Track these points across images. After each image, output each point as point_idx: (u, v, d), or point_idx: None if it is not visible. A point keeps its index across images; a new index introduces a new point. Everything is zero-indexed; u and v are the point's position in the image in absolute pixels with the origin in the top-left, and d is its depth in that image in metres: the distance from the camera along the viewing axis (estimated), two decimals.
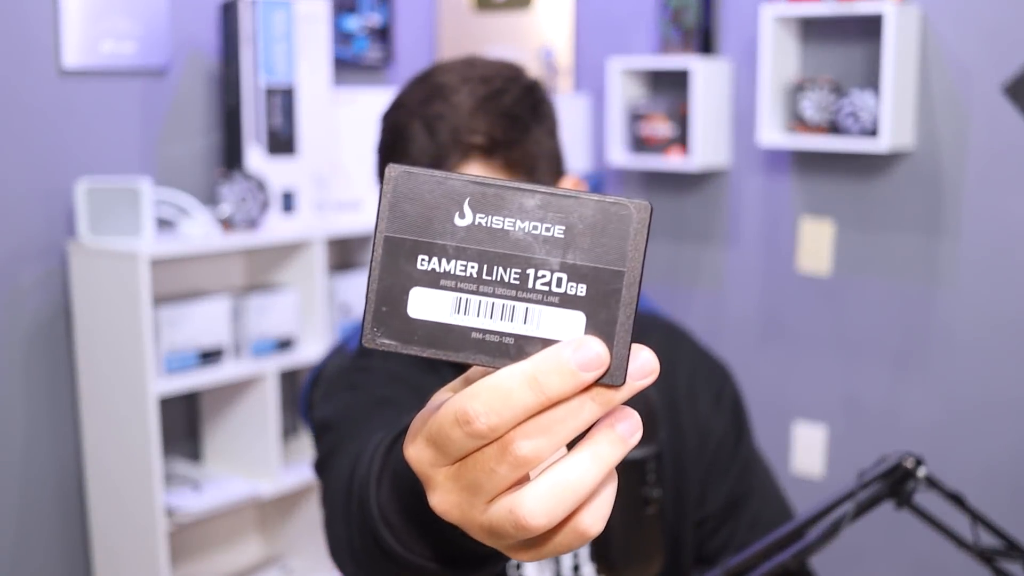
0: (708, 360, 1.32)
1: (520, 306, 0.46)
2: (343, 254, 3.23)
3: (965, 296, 2.71)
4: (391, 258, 0.46)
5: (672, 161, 3.03)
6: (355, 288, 3.09)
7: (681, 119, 3.04)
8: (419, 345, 0.46)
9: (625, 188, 3.29)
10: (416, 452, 0.49)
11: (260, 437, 2.84)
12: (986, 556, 1.08)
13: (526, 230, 0.46)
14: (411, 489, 0.64)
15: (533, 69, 2.22)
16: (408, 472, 0.63)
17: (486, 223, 0.46)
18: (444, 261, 0.46)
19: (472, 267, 0.46)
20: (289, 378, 3.09)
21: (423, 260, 0.46)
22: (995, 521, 1.12)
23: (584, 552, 1.22)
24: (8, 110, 2.61)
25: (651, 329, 1.30)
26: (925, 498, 1.43)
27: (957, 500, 1.06)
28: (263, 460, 2.85)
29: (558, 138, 1.22)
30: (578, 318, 0.46)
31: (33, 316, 2.69)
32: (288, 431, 3.11)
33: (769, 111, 2.83)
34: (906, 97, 2.68)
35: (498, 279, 0.46)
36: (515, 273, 0.46)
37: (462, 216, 0.46)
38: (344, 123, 3.04)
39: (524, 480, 0.46)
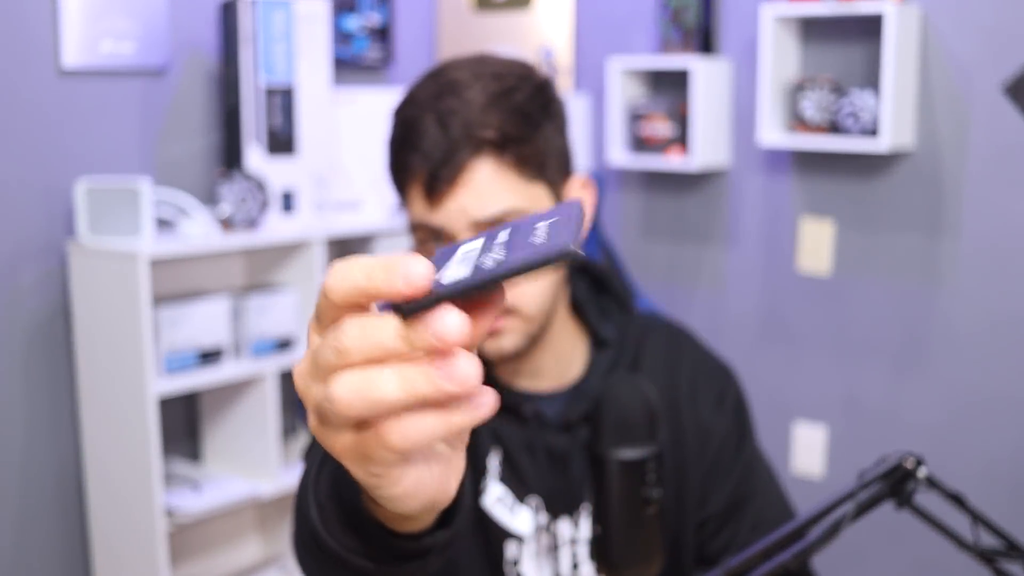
0: (711, 361, 1.32)
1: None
2: (343, 254, 3.23)
3: (965, 296, 2.71)
4: None
5: (672, 161, 3.03)
6: None
7: (681, 119, 3.03)
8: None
9: (625, 188, 3.29)
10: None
11: (260, 437, 2.84)
12: (986, 556, 1.08)
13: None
14: (347, 479, 0.65)
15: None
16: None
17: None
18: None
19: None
20: (289, 378, 3.09)
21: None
22: (995, 521, 1.12)
23: (584, 551, 1.23)
24: (8, 110, 2.60)
25: (653, 330, 1.30)
26: (925, 498, 1.43)
27: (957, 500, 1.06)
28: (263, 460, 2.85)
29: (567, 137, 1.22)
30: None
31: (33, 316, 2.69)
32: (288, 431, 3.11)
33: (769, 111, 2.83)
34: (906, 97, 2.68)
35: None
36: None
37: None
38: (344, 123, 3.04)
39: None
